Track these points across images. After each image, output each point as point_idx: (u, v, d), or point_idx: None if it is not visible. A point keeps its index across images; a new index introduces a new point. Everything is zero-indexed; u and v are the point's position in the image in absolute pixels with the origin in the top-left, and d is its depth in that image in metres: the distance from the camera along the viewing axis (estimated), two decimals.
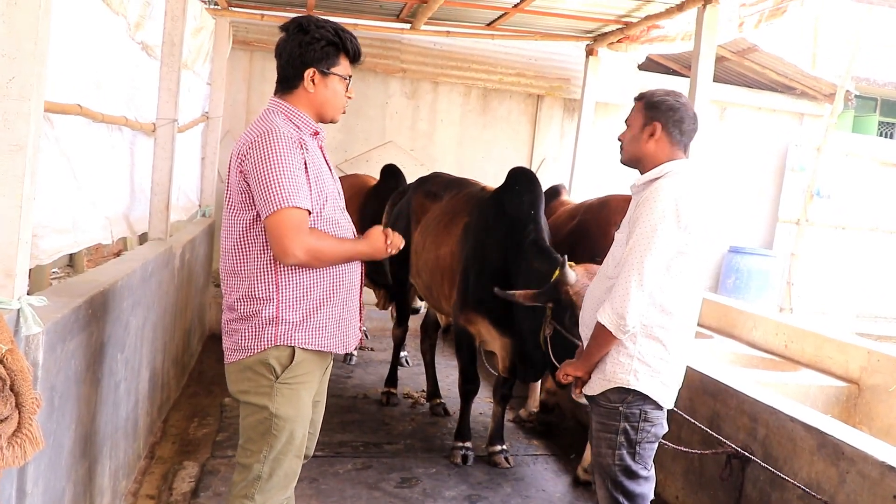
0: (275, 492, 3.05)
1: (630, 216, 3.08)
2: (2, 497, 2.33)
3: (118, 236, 4.68)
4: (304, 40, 2.92)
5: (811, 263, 11.10)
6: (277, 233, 2.79)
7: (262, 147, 2.80)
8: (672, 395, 3.16)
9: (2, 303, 2.21)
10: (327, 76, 2.97)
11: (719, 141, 10.23)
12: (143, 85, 5.10)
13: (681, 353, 3.14)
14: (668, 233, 2.92)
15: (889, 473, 3.11)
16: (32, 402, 1.95)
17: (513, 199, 4.97)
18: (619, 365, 3.06)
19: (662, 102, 3.13)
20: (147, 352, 4.60)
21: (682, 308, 3.09)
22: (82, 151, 3.81)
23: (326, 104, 3.01)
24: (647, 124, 3.14)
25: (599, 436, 3.17)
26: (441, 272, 5.32)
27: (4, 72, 2.23)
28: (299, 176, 2.83)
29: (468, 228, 5.16)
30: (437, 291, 5.49)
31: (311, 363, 3.02)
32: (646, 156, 3.15)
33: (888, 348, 5.96)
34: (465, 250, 5.09)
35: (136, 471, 4.52)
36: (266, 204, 2.77)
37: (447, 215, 5.39)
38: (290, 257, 2.81)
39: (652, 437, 3.15)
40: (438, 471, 5.00)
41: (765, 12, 5.77)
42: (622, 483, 3.14)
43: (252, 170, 2.81)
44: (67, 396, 2.95)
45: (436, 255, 5.31)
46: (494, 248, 4.92)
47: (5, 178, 2.26)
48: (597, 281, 3.28)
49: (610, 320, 2.95)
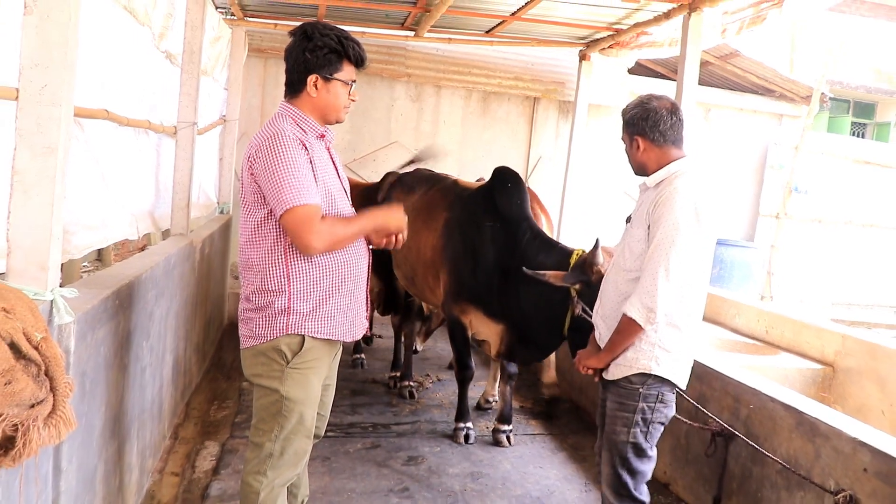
0: (285, 469, 3.07)
1: (647, 213, 3.06)
2: (40, 473, 2.35)
3: (143, 232, 4.70)
4: (308, 47, 2.91)
5: (790, 254, 11.12)
6: (294, 229, 2.80)
7: (268, 150, 2.81)
8: (687, 377, 3.19)
9: (36, 294, 2.23)
10: (330, 81, 2.95)
11: (704, 140, 10.23)
12: (167, 91, 5.11)
13: (694, 336, 3.18)
14: (690, 228, 2.95)
15: (860, 448, 3.13)
16: (65, 386, 1.97)
17: (503, 197, 4.94)
18: (642, 352, 3.08)
19: (632, 116, 3.15)
20: (170, 339, 4.61)
21: (696, 296, 3.11)
22: (111, 154, 3.83)
23: (329, 108, 3.00)
24: (631, 141, 3.17)
25: (616, 415, 3.17)
26: (423, 265, 5.27)
27: (37, 80, 2.24)
28: (306, 174, 2.83)
29: (451, 224, 5.11)
30: (420, 283, 5.44)
31: (320, 350, 3.03)
32: (646, 164, 3.18)
33: (861, 333, 5.99)
34: (452, 245, 5.05)
35: (161, 450, 4.54)
36: (278, 203, 2.78)
37: (425, 209, 5.30)
38: (313, 248, 2.83)
39: (663, 418, 3.18)
40: (443, 450, 5.02)
41: (746, 20, 5.77)
42: (630, 460, 3.16)
43: (261, 172, 2.81)
44: (97, 381, 2.97)
45: (416, 248, 5.20)
46: (487, 243, 4.89)
47: (38, 178, 2.27)
48: (612, 273, 3.28)
49: (639, 313, 2.96)
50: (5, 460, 1.83)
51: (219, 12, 6.75)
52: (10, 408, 1.76)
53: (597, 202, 9.54)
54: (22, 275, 2.27)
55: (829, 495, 3.24)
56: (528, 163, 9.76)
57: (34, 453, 1.87)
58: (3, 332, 1.77)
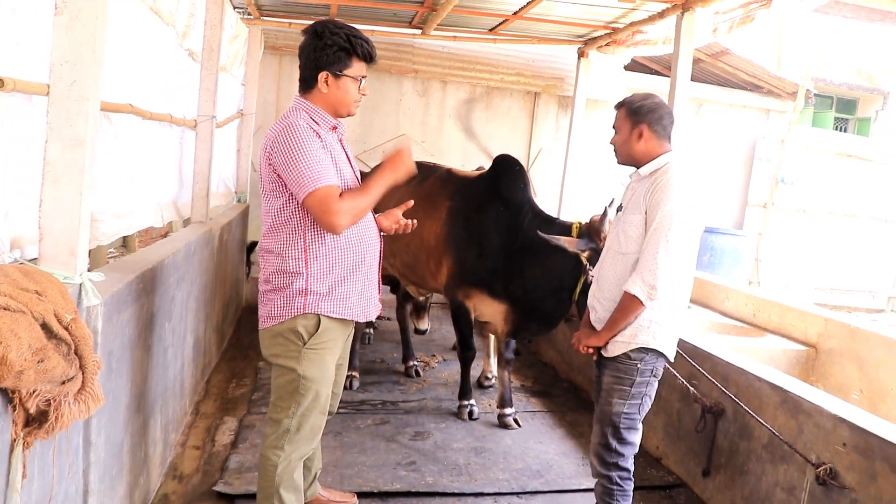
0: (302, 443, 3.09)
1: (643, 199, 3.09)
2: (71, 445, 2.37)
3: (168, 221, 4.72)
4: (318, 45, 2.91)
5: (776, 242, 11.12)
6: (319, 210, 2.80)
7: (284, 140, 2.82)
8: (674, 351, 3.24)
9: (66, 278, 2.24)
10: (339, 78, 2.95)
11: (696, 134, 10.21)
12: (190, 86, 5.12)
13: (683, 313, 3.24)
14: (685, 212, 2.99)
15: (840, 424, 3.15)
16: (94, 365, 1.98)
17: (508, 181, 4.93)
18: (640, 328, 3.11)
19: (642, 107, 3.17)
20: (191, 321, 4.63)
21: (687, 274, 3.16)
22: (137, 146, 3.83)
23: (339, 103, 3.00)
24: (634, 128, 3.17)
25: (612, 388, 3.20)
26: (426, 252, 5.18)
27: (67, 76, 2.24)
28: (322, 158, 2.84)
29: (453, 211, 5.06)
30: (421, 269, 5.33)
31: (335, 330, 3.05)
32: (639, 154, 3.19)
33: (842, 317, 5.99)
34: (455, 232, 5.00)
35: (183, 425, 4.57)
36: (300, 188, 2.79)
37: (425, 199, 5.13)
38: (339, 226, 2.84)
39: (653, 392, 3.24)
40: (448, 426, 5.03)
41: (736, 19, 5.74)
42: (621, 431, 3.19)
43: (280, 161, 2.82)
44: (123, 360, 2.99)
45: (419, 236, 5.03)
46: (491, 228, 4.87)
47: (68, 169, 2.27)
48: (608, 257, 3.29)
49: (642, 290, 2.99)
50: (39, 433, 1.85)
51: (237, 12, 6.73)
52: (43, 384, 1.78)
53: (594, 190, 9.51)
54: (53, 260, 2.28)
55: (810, 468, 3.25)
56: (529, 155, 9.74)
57: (65, 427, 1.89)
58: (35, 314, 1.78)
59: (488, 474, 4.31)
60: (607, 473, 3.23)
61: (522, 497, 4.09)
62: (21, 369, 1.66)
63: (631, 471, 3.26)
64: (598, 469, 3.27)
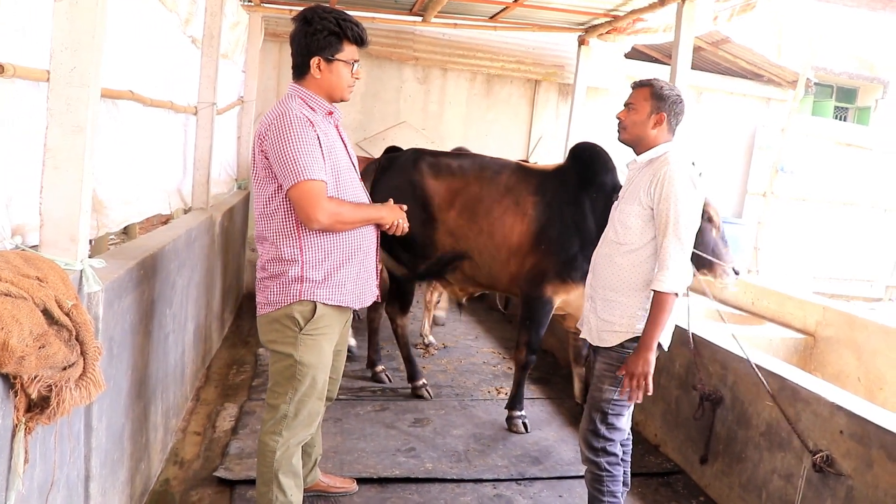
0: (299, 429, 3.10)
1: (644, 190, 3.07)
2: (72, 430, 2.38)
3: (174, 208, 4.72)
4: (309, 31, 2.91)
5: (775, 231, 11.11)
6: (300, 203, 2.81)
7: (277, 127, 2.82)
8: (670, 338, 3.23)
9: (67, 264, 2.24)
10: (332, 62, 2.95)
11: (696, 122, 10.18)
12: (194, 73, 5.11)
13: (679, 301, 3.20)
14: (692, 199, 2.99)
15: (837, 412, 3.16)
16: (95, 351, 1.98)
17: (599, 169, 4.76)
18: (637, 318, 3.10)
19: (669, 95, 3.11)
20: (191, 308, 4.63)
21: None
22: (143, 133, 3.83)
23: (333, 87, 3.00)
24: (653, 112, 3.11)
25: (603, 374, 3.19)
26: (508, 251, 4.83)
27: (67, 63, 2.24)
28: (314, 151, 2.83)
29: (543, 207, 4.79)
30: (498, 269, 4.92)
31: (331, 317, 3.05)
32: (647, 139, 3.14)
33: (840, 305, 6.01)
34: (549, 227, 4.74)
35: (184, 411, 4.58)
36: (287, 178, 2.80)
37: (502, 196, 4.86)
38: (315, 223, 2.84)
39: None
40: (447, 412, 5.04)
41: (736, 7, 5.73)
42: (609, 417, 3.20)
43: (271, 148, 2.82)
44: (124, 346, 2.99)
45: (502, 236, 4.81)
46: (590, 219, 4.69)
47: (69, 156, 2.27)
48: (604, 247, 3.28)
49: (671, 285, 2.95)
50: (41, 418, 1.85)
51: None
52: (44, 370, 1.78)
53: None
54: (54, 246, 2.29)
55: (807, 455, 3.26)
56: (529, 141, 9.73)
57: (67, 412, 1.89)
58: (37, 300, 1.79)
59: (487, 460, 4.32)
60: (596, 460, 3.24)
61: (521, 483, 4.11)
62: (22, 355, 1.66)
63: (619, 455, 3.26)
64: (586, 454, 3.28)
